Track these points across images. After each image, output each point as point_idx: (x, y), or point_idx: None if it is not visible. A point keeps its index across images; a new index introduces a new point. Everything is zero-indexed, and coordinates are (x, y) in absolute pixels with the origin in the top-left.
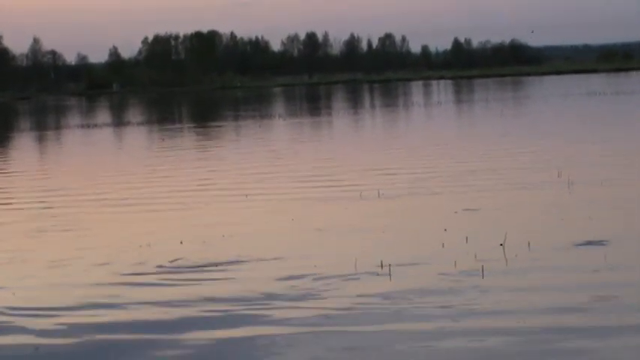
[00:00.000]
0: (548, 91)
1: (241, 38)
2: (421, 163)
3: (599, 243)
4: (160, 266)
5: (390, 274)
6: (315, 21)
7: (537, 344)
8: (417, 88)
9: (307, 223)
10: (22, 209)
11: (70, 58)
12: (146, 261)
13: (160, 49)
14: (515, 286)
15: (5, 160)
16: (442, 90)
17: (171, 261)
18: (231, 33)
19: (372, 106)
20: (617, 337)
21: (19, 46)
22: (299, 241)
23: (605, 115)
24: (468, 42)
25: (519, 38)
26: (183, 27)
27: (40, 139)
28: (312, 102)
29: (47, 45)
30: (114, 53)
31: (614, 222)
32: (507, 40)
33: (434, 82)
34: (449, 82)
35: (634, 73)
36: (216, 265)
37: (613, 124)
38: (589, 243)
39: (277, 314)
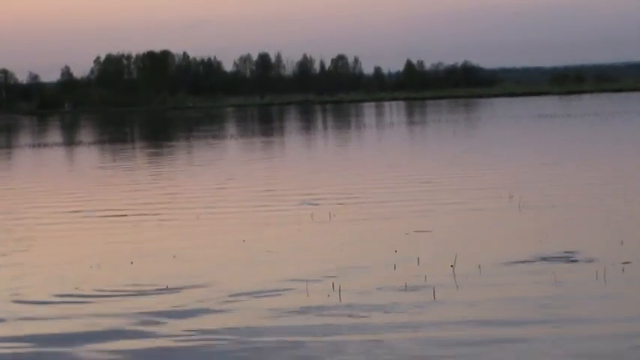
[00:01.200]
0: (501, 113)
1: (194, 58)
2: (373, 184)
3: (549, 264)
4: (110, 285)
5: (340, 296)
6: (268, 42)
7: None
8: (369, 109)
9: (258, 245)
10: None
11: (22, 77)
12: (94, 280)
13: (112, 68)
14: (466, 307)
15: None
16: (395, 111)
17: (120, 281)
18: (184, 53)
19: (325, 127)
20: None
21: None
22: (250, 263)
23: (557, 138)
24: (421, 64)
25: (471, 60)
26: (136, 47)
27: None
28: (264, 123)
29: None
30: (66, 72)
31: (564, 244)
32: (460, 61)
33: (386, 104)
34: (401, 103)
35: (586, 96)
36: (166, 286)
37: (564, 147)
38: (539, 265)
39: (229, 338)
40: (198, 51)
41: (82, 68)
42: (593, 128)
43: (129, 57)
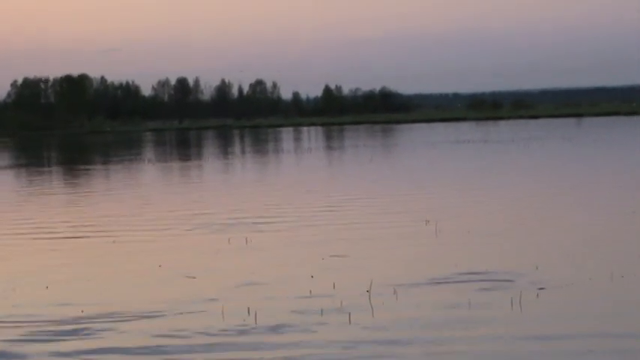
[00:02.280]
0: (418, 139)
1: (112, 82)
2: (289, 209)
3: (465, 289)
4: (24, 308)
5: (256, 322)
6: (186, 66)
7: None
8: (287, 134)
9: (175, 270)
10: None
11: None
12: (7, 303)
13: (29, 92)
14: (381, 333)
15: None
16: (313, 136)
17: (34, 304)
18: (102, 77)
19: (243, 152)
20: None
21: None
22: (166, 288)
23: (474, 164)
24: (339, 89)
25: (389, 86)
26: (54, 70)
27: None
28: (182, 147)
29: None
30: None
31: (480, 269)
32: (378, 87)
33: (305, 129)
34: (320, 128)
35: (502, 122)
36: (82, 310)
37: (481, 173)
38: (455, 290)
39: (140, 358)
40: (116, 75)
41: None
42: (510, 154)
43: (46, 81)
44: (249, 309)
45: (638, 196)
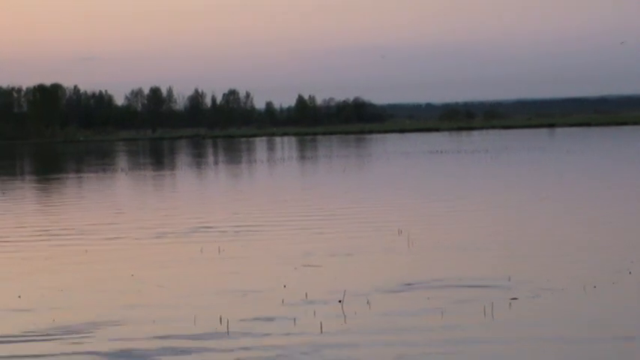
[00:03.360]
0: (391, 149)
1: (85, 92)
2: (262, 219)
3: (437, 299)
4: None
5: (228, 331)
6: (160, 76)
7: None
8: (261, 144)
9: (147, 279)
10: None
11: None
12: None
13: (1, 101)
14: (353, 343)
15: None
16: (286, 146)
17: (5, 313)
18: (75, 87)
19: (216, 161)
20: None
21: None
22: (139, 298)
23: (447, 174)
24: (312, 99)
25: (362, 96)
26: (26, 80)
27: None
28: (155, 157)
29: None
30: None
31: (452, 279)
32: (351, 97)
33: (278, 139)
34: (293, 138)
35: (475, 132)
36: (53, 320)
37: (454, 183)
38: (427, 300)
39: None
40: (89, 84)
41: None
42: (483, 164)
43: (19, 90)
44: (221, 317)
45: (612, 206)
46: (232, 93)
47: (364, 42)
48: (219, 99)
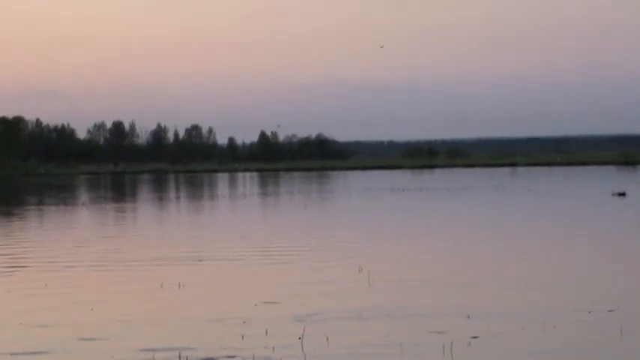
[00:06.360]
0: (353, 186)
1: (47, 125)
2: (223, 254)
3: (396, 337)
4: None
5: None
6: (122, 110)
7: None
8: (222, 179)
9: (106, 313)
10: None
11: None
12: None
13: None
14: None
15: None
16: (248, 182)
17: None
18: (37, 119)
19: (177, 196)
20: None
21: None
22: (97, 332)
23: (408, 212)
24: (275, 135)
25: (325, 133)
26: None
27: None
28: (117, 191)
29: None
30: None
31: (411, 317)
32: (314, 134)
33: (240, 175)
34: (255, 174)
35: (438, 170)
36: (11, 354)
37: (415, 221)
38: (387, 337)
39: None
40: (51, 118)
41: None
42: (444, 203)
43: None
44: (180, 354)
45: (570, 245)
46: (195, 128)
47: (328, 78)
48: (181, 134)
